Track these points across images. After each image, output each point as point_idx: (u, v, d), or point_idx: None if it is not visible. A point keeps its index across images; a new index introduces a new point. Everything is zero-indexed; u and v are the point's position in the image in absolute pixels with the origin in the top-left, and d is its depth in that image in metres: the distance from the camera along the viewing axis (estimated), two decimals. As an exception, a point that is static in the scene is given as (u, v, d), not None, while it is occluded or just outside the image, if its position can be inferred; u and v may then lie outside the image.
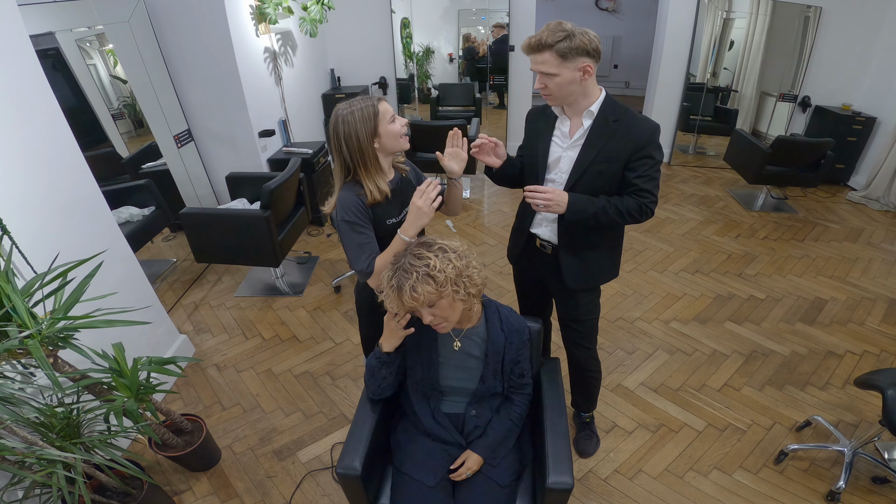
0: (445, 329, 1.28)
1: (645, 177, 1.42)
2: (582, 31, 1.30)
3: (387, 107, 1.36)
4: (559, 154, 1.51)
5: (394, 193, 1.46)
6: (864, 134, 4.35)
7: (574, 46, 1.28)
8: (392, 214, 1.46)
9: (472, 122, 4.34)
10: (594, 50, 1.32)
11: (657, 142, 1.42)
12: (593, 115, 1.43)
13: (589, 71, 1.33)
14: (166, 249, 3.32)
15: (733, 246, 3.60)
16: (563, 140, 1.51)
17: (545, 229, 1.65)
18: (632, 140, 1.39)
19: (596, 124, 1.43)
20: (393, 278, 1.20)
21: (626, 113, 1.43)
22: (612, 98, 1.45)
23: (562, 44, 1.28)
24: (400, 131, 1.38)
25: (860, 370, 2.44)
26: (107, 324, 1.36)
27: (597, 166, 1.44)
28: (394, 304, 1.21)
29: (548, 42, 1.29)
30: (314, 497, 1.87)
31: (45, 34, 2.32)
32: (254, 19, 3.25)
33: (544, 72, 1.34)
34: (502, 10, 4.71)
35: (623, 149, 1.41)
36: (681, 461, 2.00)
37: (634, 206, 1.44)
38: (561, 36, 1.28)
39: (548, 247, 1.66)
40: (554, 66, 1.32)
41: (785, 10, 4.39)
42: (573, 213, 1.42)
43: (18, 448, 1.23)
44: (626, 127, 1.40)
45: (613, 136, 1.41)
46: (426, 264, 1.18)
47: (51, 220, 1.73)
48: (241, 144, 3.39)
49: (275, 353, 2.59)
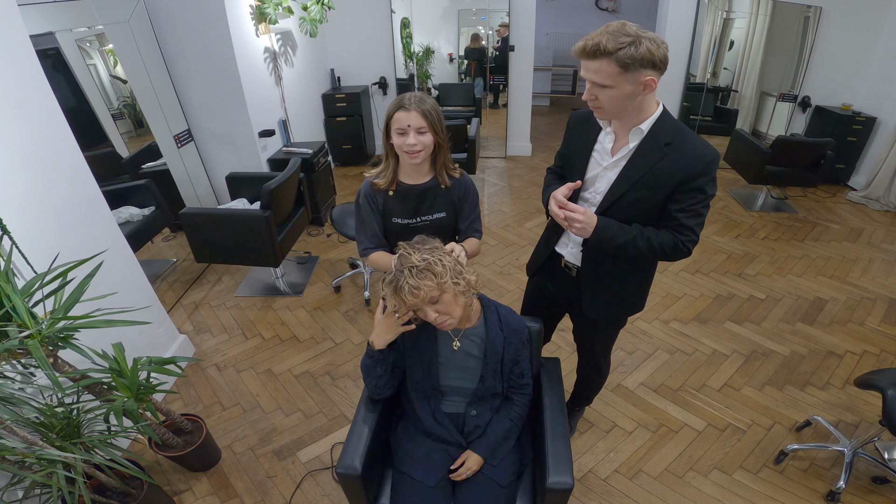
0: (450, 326, 1.27)
1: (690, 212, 1.23)
2: (650, 38, 1.09)
3: (401, 117, 1.32)
4: (597, 172, 1.34)
5: (408, 196, 1.44)
6: (864, 134, 4.35)
7: (638, 56, 1.07)
8: (400, 214, 1.46)
9: (472, 122, 4.34)
10: (661, 60, 1.10)
11: (713, 174, 1.22)
12: (643, 133, 1.24)
13: (652, 85, 1.13)
14: (166, 249, 3.32)
15: (733, 246, 3.60)
16: (603, 157, 1.32)
17: (571, 251, 1.50)
18: (684, 168, 1.20)
19: (644, 144, 1.24)
20: (389, 277, 1.19)
21: (683, 134, 1.23)
22: (670, 115, 1.25)
23: (624, 51, 1.07)
24: (402, 145, 1.35)
25: (860, 370, 2.44)
26: (107, 324, 1.36)
27: (636, 193, 1.26)
28: (394, 303, 1.21)
29: (607, 48, 1.07)
30: (314, 497, 1.87)
31: (45, 34, 2.32)
32: (254, 19, 3.25)
33: (598, 82, 1.13)
34: (502, 10, 4.71)
35: (671, 177, 1.21)
36: (681, 461, 2.00)
37: (670, 243, 1.25)
38: (625, 42, 1.07)
39: (573, 269, 1.51)
40: (611, 77, 1.11)
41: (785, 10, 4.39)
42: (599, 238, 1.26)
43: (18, 448, 1.23)
44: (679, 151, 1.21)
45: (663, 161, 1.21)
46: (421, 259, 1.17)
47: (51, 220, 1.73)
48: (241, 144, 3.39)
49: (275, 353, 2.59)
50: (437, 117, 1.36)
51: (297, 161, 2.98)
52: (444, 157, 1.45)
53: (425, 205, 1.48)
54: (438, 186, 1.47)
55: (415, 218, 1.48)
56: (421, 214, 1.48)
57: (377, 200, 1.46)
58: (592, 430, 2.14)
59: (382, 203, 1.46)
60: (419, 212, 1.48)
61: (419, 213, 1.48)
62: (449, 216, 1.52)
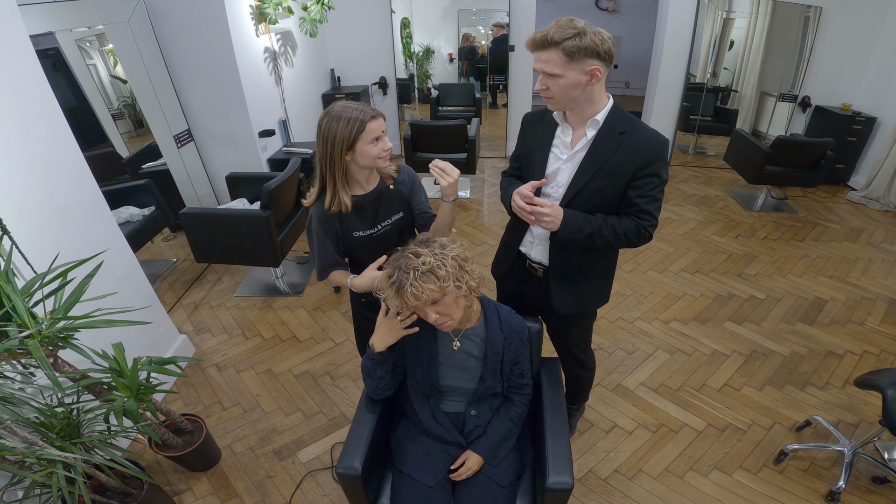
0: (450, 327, 1.27)
1: (648, 197, 1.32)
2: (594, 31, 1.17)
3: (376, 126, 1.31)
4: (557, 166, 1.39)
5: (364, 206, 1.43)
6: (864, 134, 4.35)
7: (583, 46, 1.15)
8: (360, 227, 1.44)
9: (472, 122, 4.34)
10: (606, 52, 1.18)
11: (665, 159, 1.31)
12: (598, 124, 1.31)
13: (597, 75, 1.21)
14: (166, 249, 3.32)
15: (733, 246, 3.60)
16: (562, 150, 1.39)
17: (537, 249, 1.53)
18: (639, 155, 1.28)
19: (600, 135, 1.31)
20: (392, 278, 1.18)
21: (635, 125, 1.31)
22: (620, 107, 1.33)
23: (570, 42, 1.15)
24: (377, 154, 1.33)
25: (860, 370, 2.44)
26: (107, 324, 1.36)
27: (597, 181, 1.32)
28: (396, 304, 1.21)
29: (554, 39, 1.16)
30: (314, 497, 1.87)
31: (45, 34, 2.32)
32: (254, 19, 3.25)
33: (547, 72, 1.21)
34: (502, 10, 4.71)
35: (628, 164, 1.29)
36: (681, 461, 2.00)
37: (633, 229, 1.33)
38: (570, 33, 1.15)
39: (538, 269, 1.56)
40: (559, 67, 1.19)
41: (785, 10, 4.39)
42: (567, 230, 1.32)
43: (18, 448, 1.23)
44: (633, 140, 1.29)
45: (619, 149, 1.29)
46: (424, 262, 1.17)
47: (51, 220, 1.73)
48: (241, 144, 3.39)
49: (275, 353, 2.59)
50: None
51: (297, 161, 2.98)
52: None
53: (382, 210, 1.47)
54: (388, 188, 1.47)
55: (375, 226, 1.46)
56: (380, 221, 1.47)
57: (333, 222, 1.43)
58: (592, 430, 2.14)
59: (339, 221, 1.43)
60: (378, 218, 1.46)
61: (378, 219, 1.46)
62: (406, 215, 1.52)
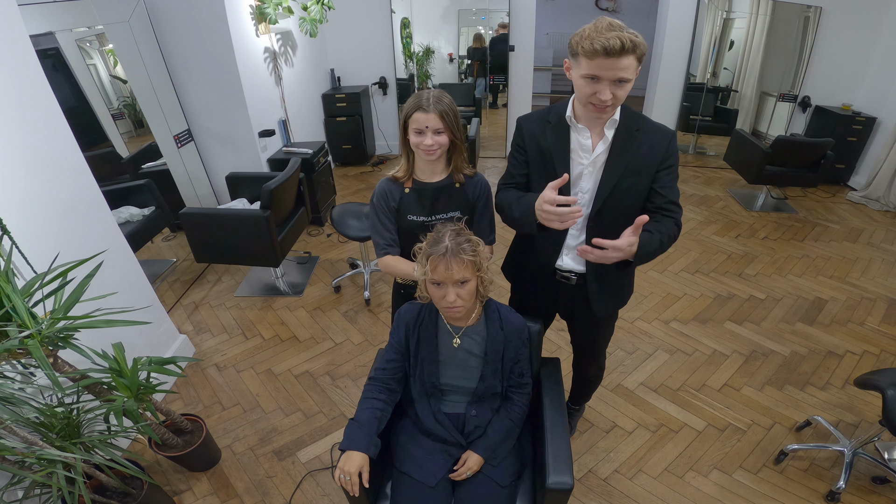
0: (458, 313, 1.31)
1: (671, 188, 1.31)
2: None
3: (420, 117, 1.32)
4: (580, 170, 1.33)
5: (424, 193, 1.46)
6: (864, 134, 4.35)
7: (645, 49, 1.11)
8: (415, 212, 1.47)
9: (472, 122, 4.34)
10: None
11: (678, 148, 1.32)
12: (616, 124, 1.26)
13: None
14: (166, 249, 3.32)
15: (733, 246, 3.60)
16: (582, 154, 1.32)
17: (567, 259, 1.48)
18: (658, 149, 1.27)
19: (618, 135, 1.27)
20: (443, 243, 1.24)
21: (644, 120, 1.30)
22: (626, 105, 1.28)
23: (643, 46, 1.09)
24: (418, 143, 1.37)
25: (860, 370, 2.44)
26: (107, 324, 1.36)
27: (626, 180, 1.28)
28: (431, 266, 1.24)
29: (634, 44, 1.08)
30: (314, 497, 1.87)
31: (45, 34, 2.32)
32: (254, 19, 3.25)
33: (627, 78, 1.12)
34: (502, 10, 4.71)
35: (650, 159, 1.27)
36: (681, 461, 2.00)
37: (674, 228, 1.30)
38: (639, 37, 1.09)
39: (572, 278, 1.50)
40: (635, 71, 1.12)
41: (785, 10, 4.39)
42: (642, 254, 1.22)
43: (18, 448, 1.23)
44: (649, 135, 1.27)
45: (639, 146, 1.26)
46: (469, 240, 1.26)
47: (51, 220, 1.73)
48: (241, 144, 3.39)
49: (275, 353, 2.59)
50: (454, 117, 1.36)
51: (297, 161, 2.99)
52: (459, 156, 1.46)
53: (440, 203, 1.48)
54: (453, 185, 1.49)
55: (430, 216, 1.48)
56: (436, 213, 1.49)
57: (394, 196, 1.47)
58: (592, 430, 2.14)
59: (398, 200, 1.47)
60: (435, 210, 1.48)
61: (435, 211, 1.48)
62: (464, 215, 1.52)
